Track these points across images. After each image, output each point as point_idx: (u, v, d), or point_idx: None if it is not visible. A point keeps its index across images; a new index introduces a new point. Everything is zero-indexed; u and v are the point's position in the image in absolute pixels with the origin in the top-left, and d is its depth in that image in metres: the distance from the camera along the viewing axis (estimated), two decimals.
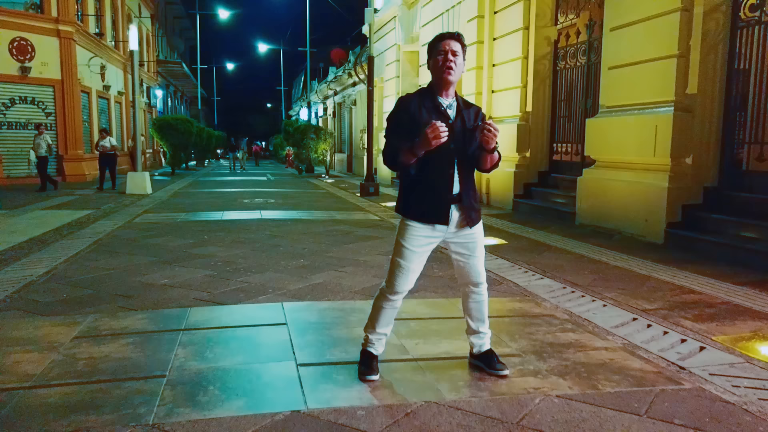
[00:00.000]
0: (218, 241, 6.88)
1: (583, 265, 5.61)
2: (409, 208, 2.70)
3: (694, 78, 6.55)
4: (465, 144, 2.68)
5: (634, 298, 4.41)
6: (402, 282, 2.70)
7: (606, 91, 7.88)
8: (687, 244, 6.28)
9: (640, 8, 7.08)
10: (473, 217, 2.74)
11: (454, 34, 2.71)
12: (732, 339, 3.51)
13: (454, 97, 2.73)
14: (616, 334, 3.58)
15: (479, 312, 2.89)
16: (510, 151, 10.32)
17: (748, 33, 6.33)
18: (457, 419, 2.39)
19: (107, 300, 4.21)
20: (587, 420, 2.41)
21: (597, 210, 7.81)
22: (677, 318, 3.92)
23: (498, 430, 2.30)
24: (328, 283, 4.79)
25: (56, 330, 3.50)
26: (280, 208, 10.76)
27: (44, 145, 13.78)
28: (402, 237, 2.70)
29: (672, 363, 3.10)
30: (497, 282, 4.88)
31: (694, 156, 6.64)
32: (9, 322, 3.66)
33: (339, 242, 6.84)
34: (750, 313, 4.01)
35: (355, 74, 22.98)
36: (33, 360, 3.01)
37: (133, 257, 5.87)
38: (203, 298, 4.27)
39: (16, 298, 4.25)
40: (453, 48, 2.64)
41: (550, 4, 10.01)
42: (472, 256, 2.80)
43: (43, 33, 16.03)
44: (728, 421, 2.43)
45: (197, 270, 5.23)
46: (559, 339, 3.47)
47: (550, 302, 4.30)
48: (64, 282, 4.78)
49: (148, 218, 9.09)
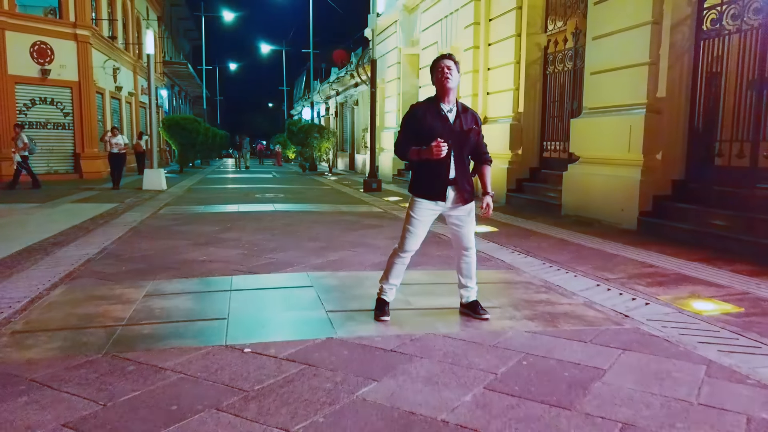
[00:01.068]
0: (240, 228, 7.72)
1: (563, 247, 6.46)
2: (417, 188, 3.56)
3: (663, 83, 7.39)
4: (461, 141, 3.52)
5: (601, 271, 5.25)
6: (410, 243, 3.55)
7: (588, 94, 8.73)
8: (656, 230, 7.13)
9: (617, 20, 7.93)
10: (466, 197, 3.59)
11: (447, 54, 3.56)
12: (672, 298, 4.35)
13: (454, 103, 3.57)
14: (580, 295, 4.42)
15: (468, 270, 3.74)
16: (503, 149, 11.16)
17: (710, 43, 7.17)
18: (448, 343, 3.23)
19: (160, 271, 5.06)
20: (545, 345, 3.25)
21: (580, 201, 8.66)
22: (633, 284, 4.76)
23: (478, 349, 3.14)
24: (343, 259, 5.64)
25: (128, 291, 4.35)
26: (290, 201, 11.60)
27: (20, 145, 13.43)
28: (411, 209, 3.56)
29: (620, 313, 3.94)
30: (487, 259, 5.73)
31: (663, 152, 7.48)
32: (87, 287, 4.50)
33: (348, 229, 7.69)
34: (693, 281, 4.86)
35: (357, 75, 23.81)
36: (119, 310, 3.85)
37: (170, 240, 6.71)
38: (240, 269, 5.12)
39: (83, 270, 5.10)
40: (448, 65, 3.49)
41: (541, 13, 10.84)
42: (464, 227, 3.64)
43: (62, 37, 16.87)
44: (650, 346, 3.27)
45: (229, 250, 6.07)
46: (533, 298, 4.31)
47: (529, 274, 5.14)
48: (118, 259, 5.62)
49: (172, 210, 9.93)
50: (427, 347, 3.17)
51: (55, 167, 17.12)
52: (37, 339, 3.26)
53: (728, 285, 4.70)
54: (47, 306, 3.94)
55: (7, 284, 4.55)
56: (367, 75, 20.97)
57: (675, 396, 2.59)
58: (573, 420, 2.34)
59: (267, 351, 3.06)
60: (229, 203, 11.14)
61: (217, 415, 2.33)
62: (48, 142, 16.96)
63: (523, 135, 11.10)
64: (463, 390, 2.60)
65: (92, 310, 3.83)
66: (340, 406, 2.42)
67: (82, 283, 4.60)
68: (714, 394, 2.61)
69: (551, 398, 2.53)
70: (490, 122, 11.94)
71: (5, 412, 2.35)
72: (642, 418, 2.37)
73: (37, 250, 6.05)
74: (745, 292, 4.50)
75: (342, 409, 2.40)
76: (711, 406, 2.50)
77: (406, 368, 2.85)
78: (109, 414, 2.34)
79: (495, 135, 11.55)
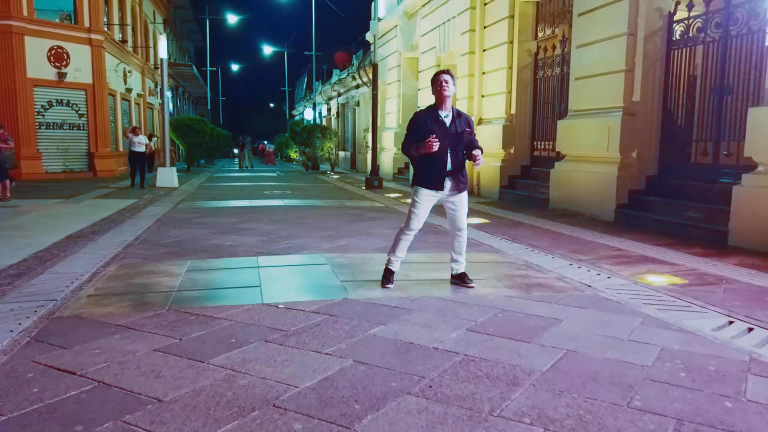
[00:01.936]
0: (256, 220, 8.51)
1: (545, 235, 7.26)
2: (420, 180, 4.36)
3: (638, 88, 8.19)
4: (455, 141, 4.32)
5: (576, 254, 6.05)
6: (414, 223, 4.37)
7: (573, 97, 9.53)
8: (631, 221, 7.93)
9: (597, 31, 8.73)
10: (461, 186, 4.40)
11: (445, 69, 4.37)
12: (631, 273, 5.15)
13: (450, 109, 4.37)
14: (554, 271, 5.21)
15: (459, 247, 4.54)
16: (496, 148, 11.97)
17: (679, 53, 7.97)
18: (440, 302, 4.04)
19: (194, 253, 5.86)
20: (518, 304, 4.05)
21: (565, 196, 9.46)
22: (601, 264, 5.56)
23: (463, 306, 3.94)
24: (351, 245, 6.44)
25: (171, 268, 5.15)
26: (297, 197, 12.41)
27: None
28: (415, 195, 4.38)
29: (584, 283, 4.74)
30: (477, 245, 6.52)
31: (638, 151, 8.28)
32: (135, 264, 5.30)
33: (353, 221, 8.49)
34: (652, 261, 5.66)
35: (359, 77, 24.59)
36: (168, 281, 4.65)
37: (195, 230, 7.51)
38: (263, 252, 5.92)
39: (127, 253, 5.89)
40: (446, 79, 4.30)
41: (531, 21, 11.64)
42: (458, 210, 4.45)
43: (77, 42, 17.66)
44: (603, 306, 4.07)
45: (250, 237, 6.87)
46: (513, 273, 5.11)
47: (513, 256, 5.94)
48: (154, 244, 6.42)
49: (189, 205, 10.73)
50: (423, 305, 3.97)
51: (70, 166, 17.91)
52: (110, 300, 4.07)
53: (681, 264, 5.51)
54: (108, 278, 4.74)
55: (67, 263, 5.35)
56: (368, 77, 21.75)
57: (612, 335, 3.39)
58: (530, 348, 3.14)
59: (296, 307, 3.86)
60: (240, 199, 11.93)
61: (266, 344, 3.14)
62: (64, 142, 17.75)
63: (515, 135, 11.90)
64: (450, 330, 3.40)
65: (147, 280, 4.64)
66: (357, 339, 3.22)
67: (130, 262, 5.39)
68: (642, 335, 3.41)
69: (516, 336, 3.34)
70: (485, 123, 12.75)
71: (107, 344, 3.15)
72: (583, 347, 3.17)
73: (79, 238, 6.85)
74: (694, 269, 5.30)
75: (359, 341, 3.20)
76: (637, 341, 3.30)
77: (406, 317, 3.65)
78: (185, 344, 3.14)
79: (489, 135, 12.37)
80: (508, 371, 2.80)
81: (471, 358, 2.98)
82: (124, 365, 2.83)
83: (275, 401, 2.44)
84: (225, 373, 2.74)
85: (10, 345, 3.12)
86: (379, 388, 2.58)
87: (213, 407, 2.38)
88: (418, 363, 2.89)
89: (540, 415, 2.34)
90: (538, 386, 2.64)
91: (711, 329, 3.56)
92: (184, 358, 2.94)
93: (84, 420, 2.26)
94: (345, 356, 2.96)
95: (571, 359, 2.99)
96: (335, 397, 2.48)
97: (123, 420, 2.27)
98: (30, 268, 5.13)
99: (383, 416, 2.31)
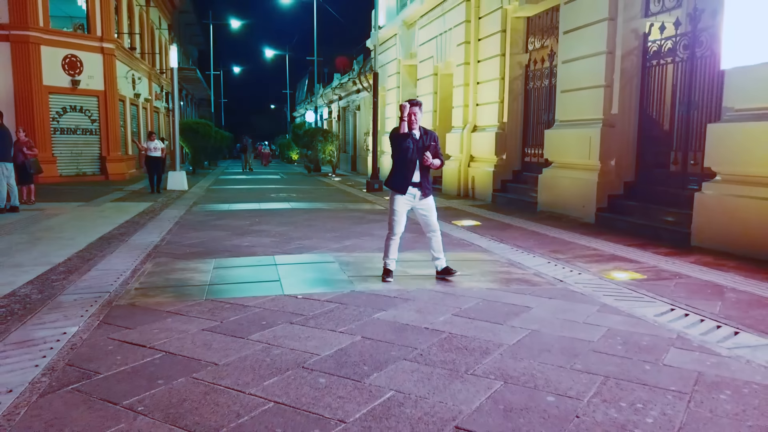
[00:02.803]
0: (267, 222, 9.29)
1: (531, 236, 8.04)
2: (391, 181, 5.19)
3: (616, 102, 8.97)
4: (421, 153, 5.10)
5: (555, 253, 6.83)
6: (396, 228, 5.18)
7: (559, 108, 10.31)
8: (610, 223, 8.70)
9: (580, 49, 9.51)
10: (427, 193, 5.23)
11: (415, 101, 5.16)
12: (599, 270, 5.93)
13: (419, 129, 5.16)
14: (533, 268, 5.99)
15: (437, 246, 5.33)
16: (490, 154, 12.75)
17: (653, 70, 8.75)
18: (431, 293, 4.82)
19: (217, 253, 6.64)
20: (497, 295, 4.83)
21: (552, 199, 10.24)
22: (575, 261, 6.34)
23: (451, 297, 4.72)
24: (355, 245, 7.22)
25: (200, 265, 5.92)
26: (302, 200, 13.19)
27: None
28: (392, 204, 5.21)
29: (557, 278, 5.52)
30: (467, 245, 7.30)
31: (616, 159, 9.06)
32: (168, 263, 6.08)
33: (356, 223, 9.27)
34: (621, 259, 6.44)
35: (359, 83, 25.37)
36: (200, 277, 5.43)
37: (213, 232, 8.28)
38: (278, 252, 6.70)
39: (157, 252, 6.67)
40: (415, 111, 5.08)
41: (522, 35, 12.42)
42: (429, 216, 5.26)
43: (90, 50, 18.45)
44: (569, 297, 4.84)
45: (264, 238, 7.65)
46: (497, 269, 5.89)
47: (498, 255, 6.72)
48: (179, 245, 7.20)
49: (202, 208, 11.51)
50: (417, 296, 4.75)
51: (83, 169, 18.69)
52: (155, 292, 4.85)
53: (645, 262, 6.29)
54: (147, 274, 5.52)
55: (107, 262, 6.13)
56: (368, 83, 22.51)
57: (570, 319, 4.17)
58: (503, 329, 3.92)
59: (312, 297, 4.64)
60: (249, 202, 12.71)
61: (291, 325, 3.91)
62: (77, 146, 18.54)
63: (507, 142, 12.68)
64: (439, 315, 4.19)
65: (181, 276, 5.42)
66: (363, 322, 4.00)
67: (163, 261, 6.17)
68: (596, 319, 4.19)
69: (492, 319, 4.12)
70: (479, 130, 13.54)
71: (163, 325, 3.93)
72: (545, 328, 3.94)
73: (111, 239, 7.63)
74: (655, 266, 6.08)
75: (365, 323, 3.98)
76: (590, 324, 4.08)
77: (403, 305, 4.44)
78: (226, 325, 3.92)
79: (483, 142, 13.16)
80: (482, 345, 3.58)
81: (454, 335, 3.76)
82: (182, 340, 3.61)
83: (303, 364, 3.22)
84: (262, 345, 3.52)
85: (85, 326, 3.90)
86: (382, 355, 3.36)
87: (257, 368, 3.16)
88: (412, 338, 3.67)
89: (502, 374, 3.12)
90: (504, 355, 3.42)
91: (654, 315, 4.33)
92: (227, 335, 3.72)
93: (162, 376, 3.04)
94: (354, 333, 3.74)
95: (533, 337, 3.77)
96: (348, 362, 3.26)
97: (192, 376, 3.05)
98: (76, 266, 5.91)
99: (385, 374, 3.09)
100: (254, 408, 2.69)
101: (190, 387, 2.92)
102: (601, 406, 2.75)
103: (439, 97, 16.12)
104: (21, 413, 2.64)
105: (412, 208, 5.29)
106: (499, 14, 12.42)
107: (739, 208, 6.48)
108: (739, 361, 3.38)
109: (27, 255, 6.46)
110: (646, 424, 2.58)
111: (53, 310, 4.29)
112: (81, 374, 3.08)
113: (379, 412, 2.66)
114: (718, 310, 4.45)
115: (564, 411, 2.70)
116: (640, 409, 2.73)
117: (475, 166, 13.73)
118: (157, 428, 2.50)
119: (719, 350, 3.56)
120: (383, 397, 2.81)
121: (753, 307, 4.53)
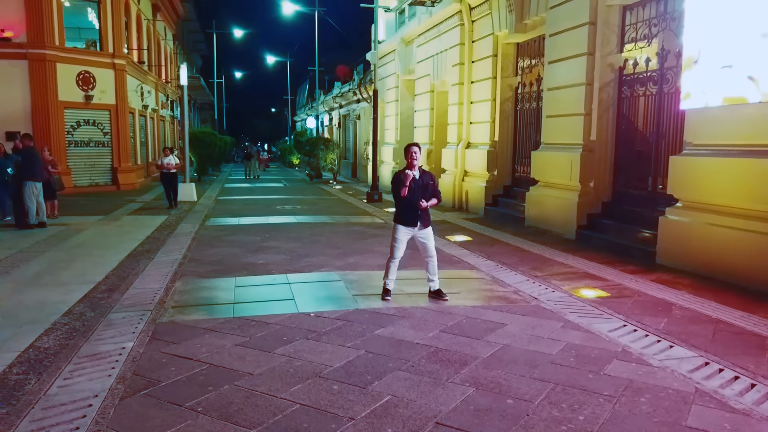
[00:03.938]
0: (276, 238, 10.16)
1: (515, 253, 8.92)
2: (400, 218, 6.05)
3: (595, 129, 9.85)
4: (422, 190, 5.98)
5: (534, 270, 7.70)
6: (397, 253, 6.05)
7: (544, 132, 11.20)
8: (588, 240, 9.58)
9: (562, 79, 10.39)
10: (427, 224, 6.09)
11: (415, 144, 6.04)
12: (571, 288, 6.81)
13: (418, 169, 6.04)
14: (513, 285, 6.87)
15: (432, 269, 6.21)
16: (482, 170, 13.64)
17: (627, 101, 9.64)
18: (424, 311, 5.70)
19: (235, 271, 7.51)
20: (479, 312, 5.71)
21: (538, 216, 11.12)
22: (551, 279, 7.22)
23: (439, 314, 5.60)
24: (358, 262, 8.10)
25: (223, 283, 6.80)
26: (307, 213, 14.07)
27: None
28: (395, 233, 6.07)
29: (532, 296, 6.39)
30: (457, 262, 8.18)
31: (595, 181, 9.95)
32: (195, 281, 6.95)
33: (358, 239, 10.15)
34: (591, 277, 7.32)
35: (359, 93, 26.25)
36: (225, 295, 6.30)
37: (228, 248, 9.16)
38: (290, 269, 7.57)
39: (183, 271, 7.54)
40: (415, 150, 5.95)
41: (512, 60, 13.31)
42: (427, 242, 6.14)
43: (102, 66, 19.32)
44: (540, 314, 5.71)
45: (275, 256, 8.53)
46: (482, 287, 6.78)
47: (484, 272, 7.60)
48: (200, 263, 8.07)
49: (215, 222, 12.38)
50: (412, 313, 5.63)
51: (96, 180, 19.57)
52: (189, 310, 5.73)
53: (611, 279, 7.17)
54: (179, 293, 6.40)
55: (142, 280, 7.01)
56: (368, 93, 23.39)
57: (537, 335, 5.05)
58: (480, 343, 4.80)
59: (323, 315, 5.53)
60: (257, 215, 13.58)
61: (308, 341, 4.80)
62: (90, 158, 19.41)
63: (498, 159, 13.57)
64: (428, 332, 5.07)
65: (208, 294, 6.30)
66: (366, 338, 4.88)
67: (190, 280, 7.05)
68: (558, 335, 5.07)
69: (472, 335, 5.00)
70: (472, 147, 14.42)
71: (203, 341, 4.80)
72: (515, 343, 4.82)
73: (138, 256, 8.50)
74: (620, 284, 6.96)
75: (367, 339, 4.86)
76: (553, 339, 4.96)
77: (399, 322, 5.32)
78: (254, 341, 4.80)
79: (476, 158, 14.04)
80: (462, 357, 4.46)
81: (440, 349, 4.64)
82: (221, 354, 4.49)
83: (320, 374, 4.10)
84: (285, 358, 4.40)
85: (139, 342, 4.78)
86: (381, 366, 4.24)
87: (284, 377, 4.04)
88: (405, 352, 4.55)
89: (475, 381, 4.00)
90: (478, 366, 4.30)
91: (608, 330, 5.21)
92: (256, 349, 4.60)
93: (211, 384, 3.92)
94: (359, 348, 4.63)
95: (504, 350, 4.65)
96: (355, 372, 4.14)
97: (234, 384, 3.93)
98: (115, 285, 6.79)
99: (384, 382, 3.97)
100: (285, 409, 3.57)
101: (234, 392, 3.80)
102: (547, 407, 3.63)
103: (435, 113, 17.00)
104: (110, 413, 3.51)
105: (412, 236, 6.15)
106: (490, 39, 13.30)
107: (695, 231, 7.36)
108: (665, 371, 4.27)
109: (69, 273, 7.34)
110: (578, 420, 3.46)
111: (108, 327, 5.17)
112: (147, 382, 3.96)
113: (379, 411, 3.54)
114: (662, 326, 5.34)
115: (518, 410, 3.58)
116: (576, 408, 3.61)
117: (468, 181, 14.61)
118: (215, 424, 3.38)
119: (652, 361, 4.44)
120: (382, 400, 3.69)
121: (692, 323, 5.41)
